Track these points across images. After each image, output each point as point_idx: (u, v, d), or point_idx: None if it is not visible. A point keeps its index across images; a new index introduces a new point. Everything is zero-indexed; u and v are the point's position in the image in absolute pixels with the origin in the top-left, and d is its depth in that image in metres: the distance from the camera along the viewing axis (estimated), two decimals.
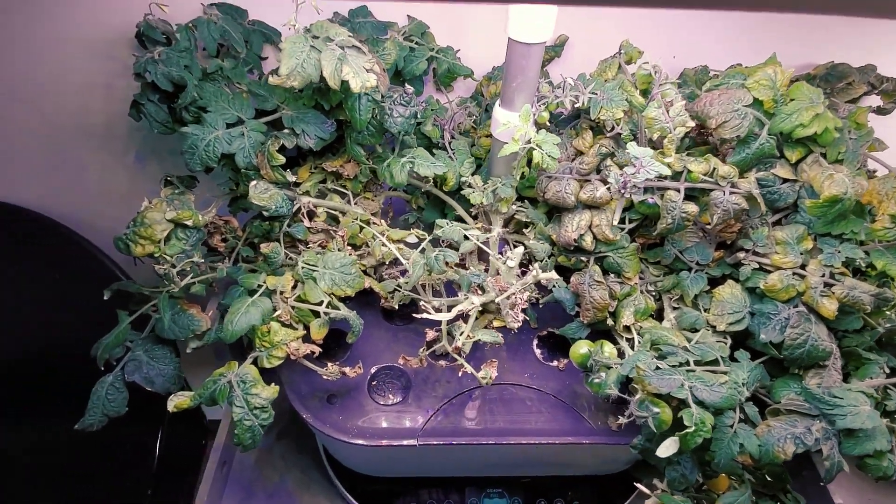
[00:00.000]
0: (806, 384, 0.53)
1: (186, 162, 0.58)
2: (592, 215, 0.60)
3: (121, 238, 0.59)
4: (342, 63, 0.48)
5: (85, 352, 0.68)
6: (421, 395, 0.65)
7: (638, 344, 0.59)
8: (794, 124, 0.52)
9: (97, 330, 0.69)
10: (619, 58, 0.60)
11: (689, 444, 0.47)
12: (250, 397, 0.53)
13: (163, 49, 0.58)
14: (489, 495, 0.76)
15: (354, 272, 0.62)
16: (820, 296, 0.53)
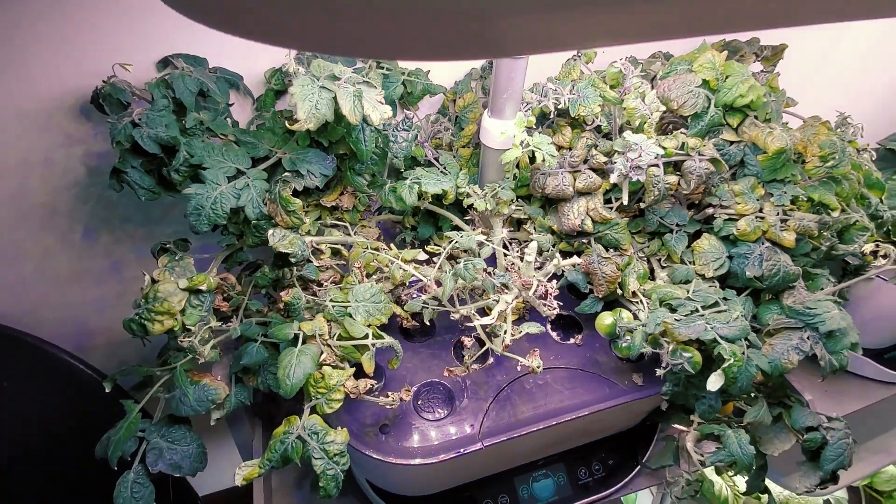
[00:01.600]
0: (785, 304, 0.64)
1: (192, 224, 0.55)
2: (587, 201, 0.67)
3: (132, 320, 0.54)
4: (360, 100, 0.49)
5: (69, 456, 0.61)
6: (464, 402, 0.68)
7: (647, 305, 0.67)
8: (735, 96, 0.63)
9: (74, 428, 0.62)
10: (579, 60, 0.68)
11: (729, 374, 0.55)
12: (327, 446, 0.52)
13: (141, 110, 0.54)
14: (536, 479, 0.80)
15: (384, 299, 0.62)
16: (780, 230, 0.64)
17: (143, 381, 0.67)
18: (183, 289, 0.55)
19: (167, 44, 0.64)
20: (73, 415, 0.84)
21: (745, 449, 0.57)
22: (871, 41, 1.09)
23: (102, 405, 0.88)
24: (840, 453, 0.60)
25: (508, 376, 0.70)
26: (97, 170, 0.72)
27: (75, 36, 0.61)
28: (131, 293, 0.90)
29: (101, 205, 0.76)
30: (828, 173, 0.64)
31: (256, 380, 0.69)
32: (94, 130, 0.68)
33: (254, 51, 0.68)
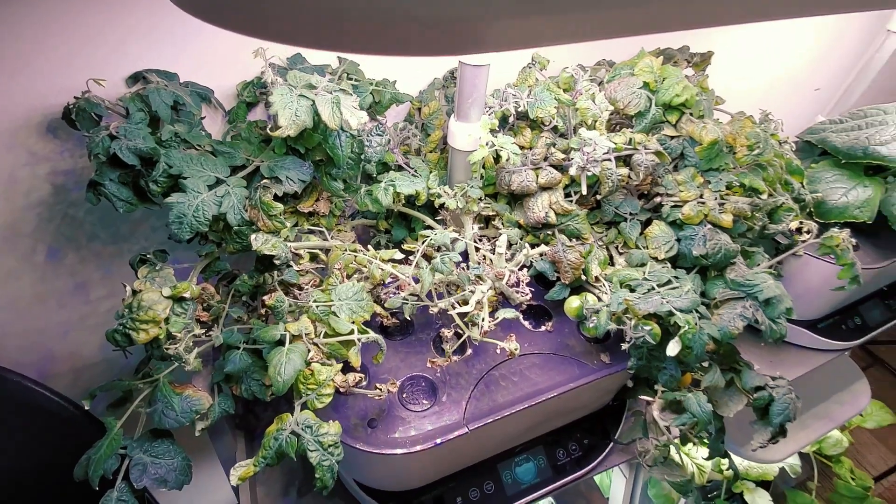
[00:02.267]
0: (729, 278, 0.72)
1: (174, 232, 0.56)
2: (549, 195, 0.72)
3: (116, 331, 0.54)
4: (338, 106, 0.53)
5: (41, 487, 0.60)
6: (448, 391, 0.71)
7: (609, 287, 0.73)
8: (672, 95, 0.70)
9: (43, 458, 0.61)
10: (534, 67, 0.74)
11: (685, 339, 0.61)
12: (322, 438, 0.53)
13: (118, 124, 0.55)
14: (518, 464, 0.84)
15: (366, 297, 0.65)
16: (718, 213, 0.72)
17: (123, 398, 0.66)
18: (167, 297, 0.56)
19: (135, 60, 0.65)
20: (42, 445, 0.80)
21: (703, 407, 0.63)
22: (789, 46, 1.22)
23: (71, 432, 0.85)
24: (785, 407, 0.67)
25: (487, 365, 0.74)
26: (63, 188, 0.71)
27: (40, 54, 0.61)
28: (97, 315, 0.88)
29: (67, 223, 0.75)
30: (755, 160, 0.72)
31: (240, 388, 0.69)
32: (60, 148, 0.68)
33: (224, 66, 0.70)
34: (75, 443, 0.85)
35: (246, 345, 0.68)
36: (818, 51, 1.27)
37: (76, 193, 0.73)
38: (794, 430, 1.39)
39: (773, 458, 1.35)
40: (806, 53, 1.26)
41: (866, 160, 0.98)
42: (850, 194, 0.98)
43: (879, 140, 0.97)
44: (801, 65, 1.30)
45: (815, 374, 1.14)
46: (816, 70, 1.32)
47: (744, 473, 1.44)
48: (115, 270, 0.84)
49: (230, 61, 0.71)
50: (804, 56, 1.26)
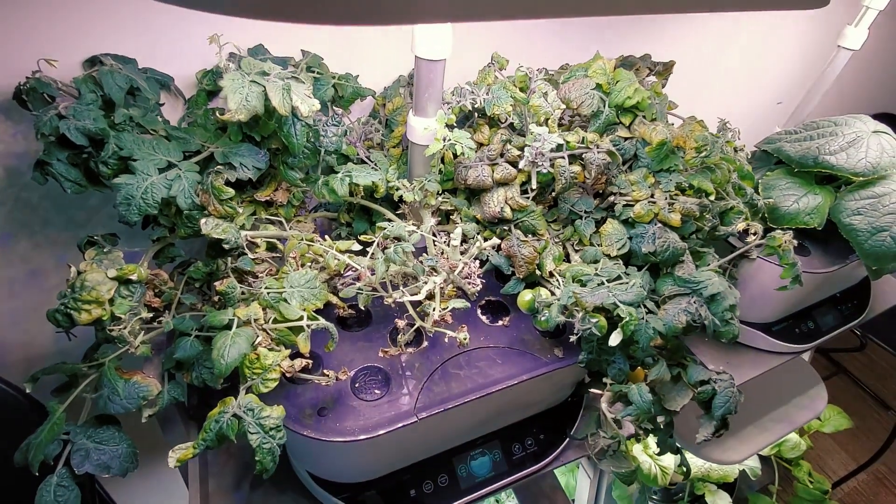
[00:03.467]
0: (676, 275, 0.74)
1: (122, 214, 0.56)
2: (505, 191, 0.74)
3: (58, 310, 0.54)
4: (288, 92, 0.54)
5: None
6: (401, 382, 0.71)
7: (562, 282, 0.74)
8: (624, 97, 0.73)
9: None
10: (493, 66, 0.76)
11: (627, 330, 0.62)
12: (263, 420, 0.53)
13: (68, 104, 0.55)
14: (474, 458, 0.84)
15: (319, 286, 0.66)
16: (668, 212, 0.74)
17: (68, 382, 0.65)
18: (112, 278, 0.55)
19: (93, 45, 0.66)
20: None
21: (644, 397, 0.65)
22: (750, 58, 1.27)
23: (22, 422, 0.83)
24: (727, 400, 0.69)
25: (442, 357, 0.75)
26: (16, 170, 0.71)
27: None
28: (51, 304, 0.86)
29: (20, 207, 0.74)
30: (702, 163, 0.75)
31: (191, 375, 0.69)
32: (13, 130, 0.67)
33: (185, 54, 0.71)
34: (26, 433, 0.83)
35: (198, 332, 0.67)
36: (780, 66, 1.33)
37: (30, 176, 0.72)
38: (752, 432, 1.43)
39: (733, 459, 1.38)
40: (771, 69, 1.31)
41: (817, 169, 1.02)
42: (801, 201, 1.01)
43: (829, 150, 1.01)
44: (766, 80, 1.36)
45: (774, 378, 1.17)
46: (779, 84, 1.38)
47: (705, 475, 1.47)
48: (71, 258, 0.83)
49: (192, 49, 0.71)
50: (769, 71, 1.31)
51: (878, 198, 0.97)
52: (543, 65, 0.93)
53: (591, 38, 0.97)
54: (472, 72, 0.79)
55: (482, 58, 0.78)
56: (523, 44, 0.92)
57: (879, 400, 2.16)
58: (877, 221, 0.96)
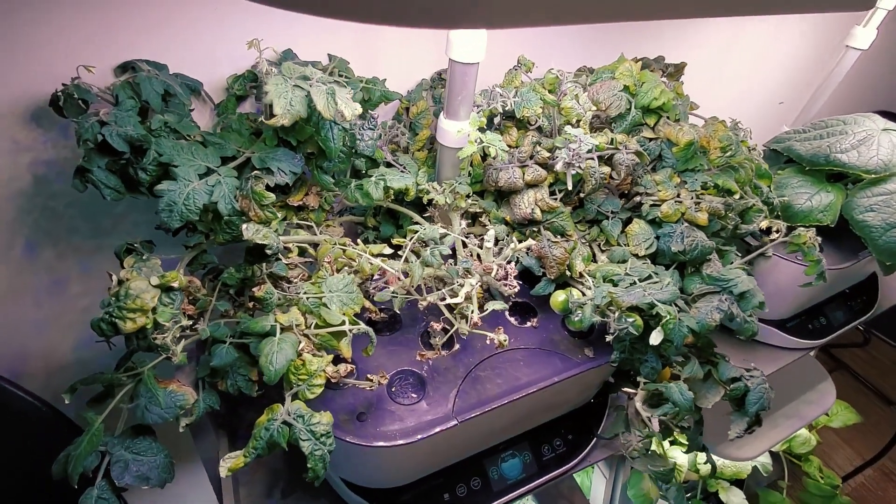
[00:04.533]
0: (706, 273, 0.75)
1: (164, 221, 0.55)
2: (535, 192, 0.74)
3: (102, 319, 0.53)
4: (333, 97, 0.54)
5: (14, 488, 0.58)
6: (437, 386, 0.71)
7: (593, 282, 0.75)
8: (650, 99, 0.74)
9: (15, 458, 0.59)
10: (520, 69, 0.76)
11: (667, 329, 0.63)
12: (314, 427, 0.53)
13: (107, 110, 0.54)
14: (504, 460, 0.84)
15: (356, 290, 0.65)
16: (695, 211, 0.75)
17: (104, 393, 0.64)
18: (155, 286, 0.55)
19: (122, 50, 0.65)
20: (13, 444, 0.77)
21: (685, 395, 0.65)
22: (756, 62, 1.29)
23: (42, 432, 0.82)
24: (760, 396, 0.70)
25: (475, 359, 0.75)
26: (44, 179, 0.70)
27: (25, 41, 0.60)
28: (73, 312, 0.86)
29: (46, 216, 0.73)
30: (727, 162, 0.76)
31: (225, 383, 0.69)
32: (43, 137, 0.67)
33: (213, 59, 0.71)
34: (47, 443, 0.82)
35: (232, 339, 0.67)
36: (783, 67, 1.35)
37: (58, 185, 0.71)
38: (764, 428, 1.44)
39: (747, 456, 1.39)
40: (773, 69, 1.33)
41: (828, 167, 1.04)
42: (813, 199, 1.03)
43: (840, 149, 1.03)
44: (768, 80, 1.38)
45: (784, 374, 1.19)
46: (781, 85, 1.40)
47: (718, 472, 1.48)
48: (94, 267, 0.82)
49: (219, 55, 0.71)
50: (771, 72, 1.34)
51: (891, 194, 0.99)
52: (549, 66, 0.94)
53: (593, 39, 0.98)
54: (495, 74, 0.79)
55: (491, 60, 0.79)
56: (529, 47, 0.92)
57: (882, 395, 2.20)
58: (890, 218, 0.98)
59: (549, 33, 0.99)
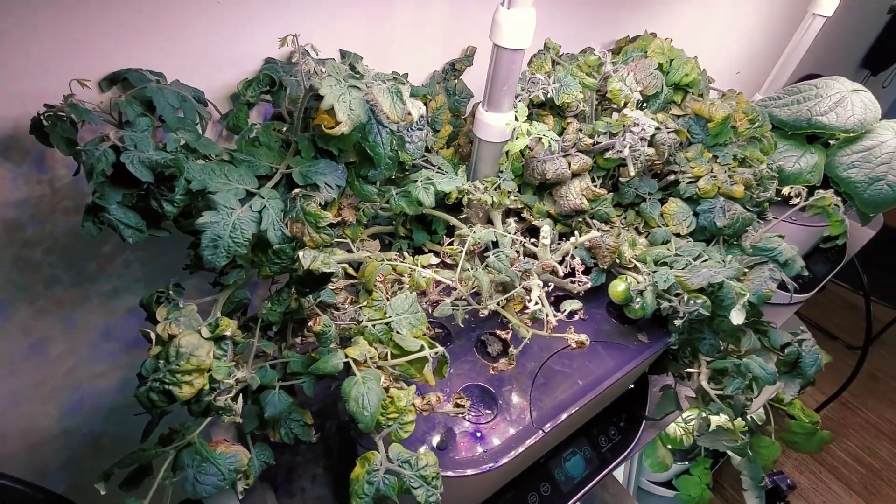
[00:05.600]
0: (753, 244, 0.75)
1: (207, 260, 0.46)
2: (580, 181, 0.71)
3: (151, 390, 0.44)
4: (399, 96, 0.47)
5: None
6: (506, 397, 0.67)
7: (644, 267, 0.73)
8: (682, 75, 0.73)
9: None
10: (549, 53, 0.72)
11: (746, 307, 0.63)
12: (423, 471, 0.47)
13: (120, 132, 0.44)
14: (567, 459, 0.82)
15: (419, 309, 0.59)
16: (730, 185, 0.76)
17: (138, 471, 0.54)
18: (207, 338, 0.46)
19: (103, 59, 0.53)
20: None
21: (766, 369, 0.66)
22: (718, 32, 1.33)
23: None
24: (815, 358, 0.72)
25: (537, 363, 0.71)
26: (15, 224, 0.57)
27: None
28: (55, 377, 0.72)
29: (19, 269, 0.60)
30: (754, 133, 0.77)
31: (278, 433, 0.60)
32: (12, 173, 0.54)
33: (215, 63, 0.60)
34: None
35: (281, 382, 0.59)
36: (746, 37, 1.41)
37: (33, 229, 0.58)
38: None
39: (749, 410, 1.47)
40: (737, 40, 1.39)
41: (810, 130, 1.09)
42: (801, 161, 1.08)
43: (819, 111, 1.08)
44: (727, 50, 1.44)
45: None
46: (744, 54, 1.46)
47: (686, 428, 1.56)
48: (79, 320, 0.69)
49: (221, 59, 0.61)
50: (735, 43, 1.39)
51: (870, 150, 1.05)
52: (565, 50, 0.91)
53: (565, 19, 0.95)
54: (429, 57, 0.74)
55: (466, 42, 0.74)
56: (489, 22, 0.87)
57: (827, 333, 2.43)
58: (872, 172, 1.05)
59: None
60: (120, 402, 0.82)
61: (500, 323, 0.76)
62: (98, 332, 0.72)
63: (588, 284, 0.65)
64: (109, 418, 0.82)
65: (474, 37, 0.81)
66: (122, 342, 0.75)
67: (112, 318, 0.72)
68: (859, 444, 2.15)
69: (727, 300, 0.66)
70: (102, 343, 0.73)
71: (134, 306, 0.73)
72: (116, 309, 0.71)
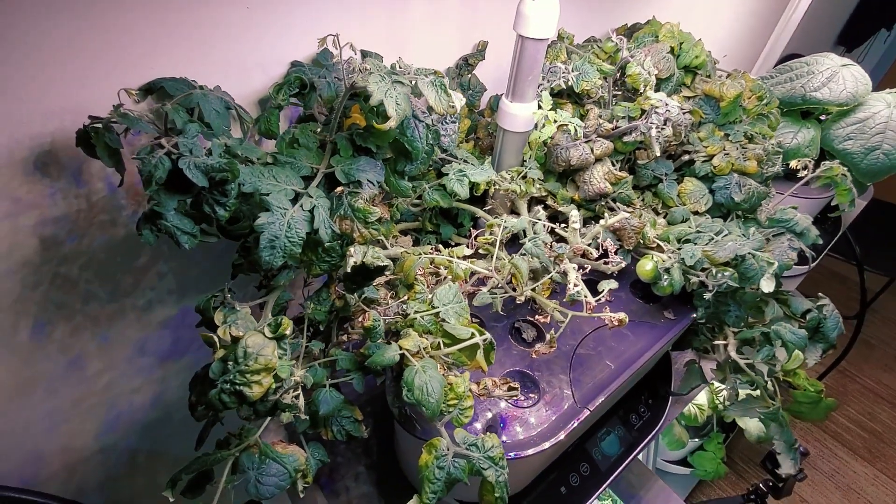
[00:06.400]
0: (760, 218, 0.78)
1: (266, 261, 0.47)
2: (602, 166, 0.73)
3: (223, 392, 0.44)
4: (444, 89, 0.48)
5: None
6: (546, 380, 0.68)
7: (668, 245, 0.76)
8: (692, 57, 0.75)
9: None
10: (563, 42, 0.74)
11: (775, 276, 0.65)
12: (490, 452, 0.48)
13: (172, 139, 0.44)
14: (602, 438, 0.83)
15: (462, 299, 0.60)
16: (743, 161, 0.78)
17: (198, 477, 0.54)
18: (271, 338, 0.46)
19: (135, 70, 0.54)
20: None
21: (798, 334, 0.68)
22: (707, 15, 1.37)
23: None
24: (836, 322, 0.75)
25: (571, 345, 0.73)
26: (53, 241, 0.57)
27: (14, 76, 0.47)
28: (93, 395, 0.71)
29: (57, 287, 0.60)
30: (762, 110, 0.80)
31: (330, 430, 0.61)
32: (50, 189, 0.54)
33: (244, 68, 0.61)
34: None
35: (330, 380, 0.59)
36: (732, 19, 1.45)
37: (71, 245, 0.58)
38: None
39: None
40: (722, 25, 1.42)
41: (805, 106, 1.13)
42: (798, 136, 1.12)
43: (813, 87, 1.12)
44: (719, 34, 1.47)
45: None
46: (730, 38, 1.50)
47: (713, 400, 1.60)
48: (114, 336, 0.69)
49: (253, 63, 0.61)
50: (721, 27, 1.43)
51: (863, 122, 1.10)
52: None
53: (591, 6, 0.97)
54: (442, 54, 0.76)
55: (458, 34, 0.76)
56: (498, 17, 0.88)
57: None
58: (867, 142, 1.09)
59: None
60: (154, 418, 0.81)
61: (529, 309, 0.78)
62: (133, 347, 0.71)
63: (622, 264, 0.67)
64: (145, 434, 0.81)
65: (485, 32, 0.83)
66: (156, 356, 0.75)
67: (146, 331, 0.71)
68: (860, 410, 2.21)
69: (750, 271, 0.69)
70: (137, 358, 0.73)
71: (166, 319, 0.73)
72: (151, 322, 0.71)
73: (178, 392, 0.81)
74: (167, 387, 0.80)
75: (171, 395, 0.81)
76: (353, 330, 0.59)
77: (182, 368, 0.79)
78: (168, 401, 0.81)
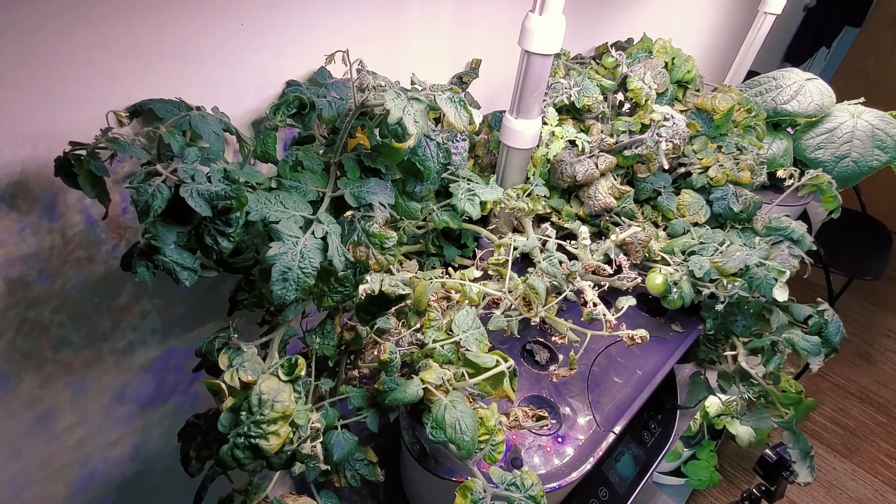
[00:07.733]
0: (757, 227, 0.79)
1: (278, 295, 0.42)
2: (605, 181, 0.72)
3: (236, 447, 0.39)
4: (463, 105, 0.46)
5: None
6: (565, 403, 0.66)
7: (672, 258, 0.75)
8: (684, 72, 0.76)
9: None
10: (561, 59, 0.73)
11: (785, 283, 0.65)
12: (531, 490, 0.44)
13: (170, 165, 0.40)
14: (617, 459, 0.81)
15: (480, 324, 0.57)
16: (737, 172, 0.79)
17: None
18: (285, 381, 0.42)
19: (119, 91, 0.49)
20: None
21: (811, 340, 0.68)
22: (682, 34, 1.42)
23: None
24: (838, 327, 0.76)
25: (585, 365, 0.70)
26: (21, 281, 0.50)
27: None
28: (64, 453, 0.63)
29: (24, 334, 0.53)
30: (750, 122, 0.81)
31: (343, 477, 0.56)
32: (19, 224, 0.48)
33: (236, 88, 0.56)
34: None
35: (340, 421, 0.55)
36: (701, 36, 1.51)
37: (42, 286, 0.51)
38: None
39: None
40: (690, 43, 1.48)
41: (776, 118, 1.17)
42: (773, 147, 1.16)
43: (783, 100, 1.16)
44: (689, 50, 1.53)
45: None
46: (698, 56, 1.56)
47: (724, 410, 1.61)
48: (89, 385, 0.62)
49: (246, 85, 0.57)
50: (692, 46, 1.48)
51: (831, 131, 1.15)
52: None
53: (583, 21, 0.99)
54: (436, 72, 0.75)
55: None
56: (491, 35, 0.88)
57: None
58: (837, 151, 1.13)
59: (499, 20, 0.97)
60: (132, 472, 0.73)
61: (538, 330, 0.75)
62: (111, 395, 0.64)
63: (637, 280, 0.66)
64: (122, 491, 0.73)
65: (476, 50, 0.82)
66: (137, 403, 0.68)
67: (126, 377, 0.64)
68: (833, 407, 2.29)
69: (756, 280, 0.69)
70: (115, 406, 0.65)
71: (149, 361, 0.66)
72: (131, 366, 0.64)
73: (160, 441, 0.74)
74: (148, 436, 0.72)
75: (153, 446, 0.73)
76: (363, 364, 0.55)
77: (166, 414, 0.72)
78: (149, 452, 0.73)
